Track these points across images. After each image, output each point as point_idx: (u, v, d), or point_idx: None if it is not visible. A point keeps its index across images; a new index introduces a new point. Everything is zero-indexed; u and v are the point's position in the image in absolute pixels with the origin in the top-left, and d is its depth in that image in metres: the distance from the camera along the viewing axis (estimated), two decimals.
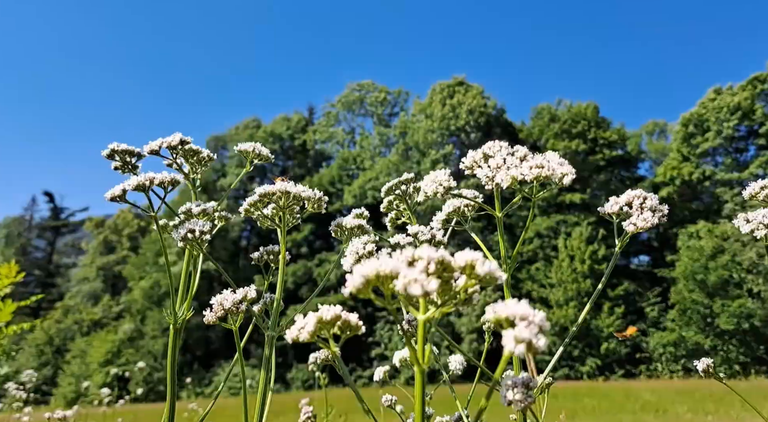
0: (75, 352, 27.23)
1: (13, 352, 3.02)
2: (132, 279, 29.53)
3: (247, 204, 1.01)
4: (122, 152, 1.07)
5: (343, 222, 0.99)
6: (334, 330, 0.57)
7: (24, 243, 36.90)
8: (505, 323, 0.45)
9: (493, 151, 0.78)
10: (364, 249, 0.82)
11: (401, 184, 1.14)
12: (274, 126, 33.01)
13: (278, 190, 0.94)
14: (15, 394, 4.88)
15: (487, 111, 27.50)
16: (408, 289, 0.45)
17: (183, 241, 0.92)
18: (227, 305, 0.76)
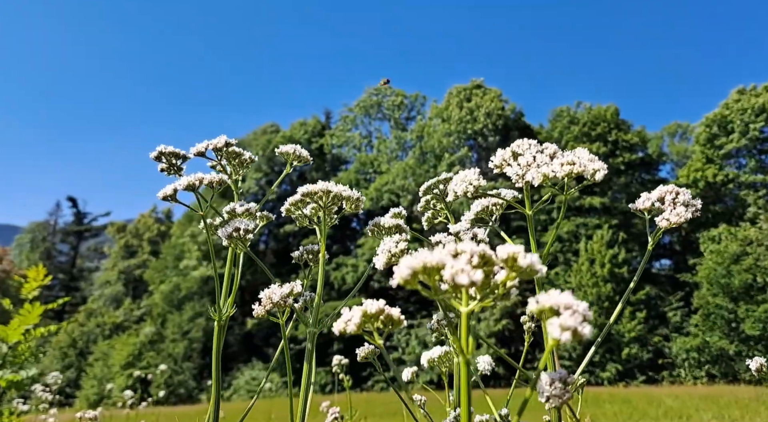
0: (97, 355, 27.69)
1: (40, 354, 3.10)
2: (152, 283, 29.95)
3: (289, 203, 1.04)
4: (169, 154, 1.11)
5: (381, 222, 1.01)
6: (377, 324, 0.58)
7: (48, 248, 37.71)
8: (548, 312, 0.47)
9: (522, 149, 0.80)
10: (396, 247, 0.84)
11: (439, 183, 1.16)
12: (292, 131, 33.27)
13: (320, 189, 0.97)
14: (41, 396, 4.97)
15: (505, 114, 27.37)
16: (455, 279, 0.47)
17: (229, 239, 0.95)
18: (275, 298, 0.78)
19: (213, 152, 1.17)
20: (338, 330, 0.58)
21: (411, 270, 0.48)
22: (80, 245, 39.33)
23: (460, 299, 0.51)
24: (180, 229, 30.81)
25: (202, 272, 27.34)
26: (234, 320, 29.16)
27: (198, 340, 27.05)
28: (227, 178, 1.07)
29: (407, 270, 0.48)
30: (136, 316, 31.39)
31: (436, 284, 0.50)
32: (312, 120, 34.37)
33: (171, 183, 1.00)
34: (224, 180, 1.04)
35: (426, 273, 0.49)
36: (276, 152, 1.28)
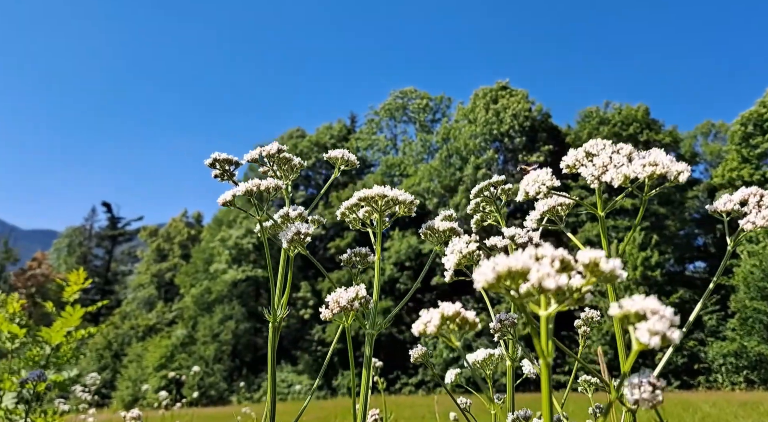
0: (132, 357, 28.35)
1: (81, 355, 3.19)
2: (183, 287, 30.52)
3: (345, 207, 1.06)
4: (222, 161, 1.15)
5: (435, 225, 1.03)
6: (453, 326, 0.60)
7: (85, 252, 38.82)
8: (633, 317, 0.48)
9: (596, 149, 0.81)
10: (466, 248, 0.85)
11: (490, 186, 1.18)
12: (318, 135, 33.57)
13: (376, 193, 0.99)
14: (80, 396, 5.11)
15: (532, 115, 27.11)
16: (543, 283, 0.48)
17: (289, 243, 0.98)
18: (343, 302, 0.81)
19: (266, 159, 1.21)
20: (418, 332, 0.59)
21: (496, 274, 0.49)
22: (114, 249, 40.40)
23: (538, 302, 0.52)
24: (210, 233, 31.35)
25: (232, 275, 27.74)
26: (263, 322, 29.50)
27: (228, 343, 27.44)
28: (282, 183, 1.11)
29: (492, 274, 0.49)
30: (168, 319, 32.03)
31: (517, 288, 0.51)
32: (338, 124, 34.63)
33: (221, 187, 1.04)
34: (279, 185, 1.08)
35: (510, 277, 0.50)
36: (324, 157, 1.31)
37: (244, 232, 28.18)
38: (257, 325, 29.05)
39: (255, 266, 28.26)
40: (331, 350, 1.28)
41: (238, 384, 25.91)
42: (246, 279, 28.16)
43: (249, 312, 28.61)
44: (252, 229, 28.24)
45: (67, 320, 2.87)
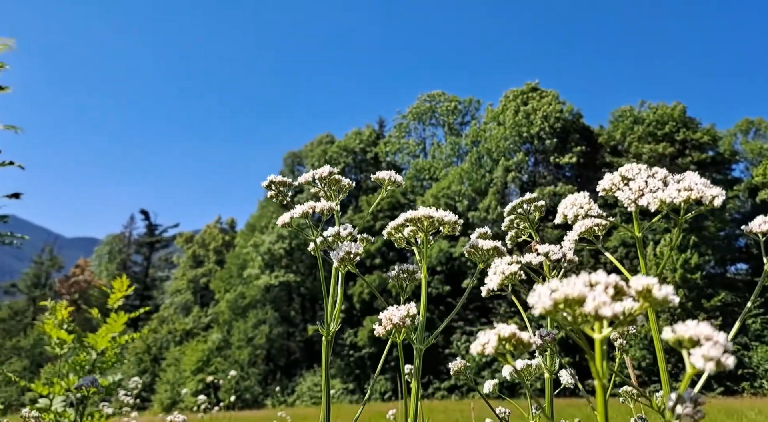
0: (170, 361, 29.05)
1: (125, 360, 3.31)
2: (218, 292, 31.12)
3: (391, 227, 1.12)
4: (278, 183, 1.23)
5: (479, 245, 1.08)
6: (508, 347, 0.64)
7: (124, 259, 40.05)
8: (687, 343, 0.50)
9: (632, 174, 0.85)
10: (509, 269, 0.90)
11: (524, 203, 1.22)
12: (347, 140, 33.81)
13: (422, 215, 1.05)
14: (122, 399, 5.28)
15: (563, 116, 26.72)
16: (599, 311, 0.51)
17: (340, 261, 1.04)
18: (395, 320, 0.87)
19: (318, 180, 1.28)
20: (476, 352, 0.64)
21: (553, 301, 0.52)
22: (152, 255, 41.54)
23: (592, 326, 0.56)
24: (243, 239, 31.90)
25: (265, 280, 28.14)
26: (295, 327, 29.83)
27: (262, 347, 27.84)
28: (335, 205, 1.18)
29: (550, 301, 0.53)
30: (204, 323, 32.71)
31: (574, 314, 0.53)
32: (366, 129, 34.81)
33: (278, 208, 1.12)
34: (333, 208, 1.15)
35: (567, 305, 0.55)
36: (372, 178, 1.37)
37: (275, 238, 28.55)
38: (290, 330, 29.39)
39: (287, 271, 28.60)
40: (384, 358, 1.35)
41: (272, 389, 26.24)
42: (278, 285, 28.53)
43: (282, 317, 28.97)
44: (283, 235, 28.61)
45: (111, 326, 2.95)
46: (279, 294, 29.37)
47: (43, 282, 39.14)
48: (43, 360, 32.20)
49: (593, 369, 0.57)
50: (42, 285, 38.90)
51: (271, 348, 28.31)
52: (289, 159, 36.02)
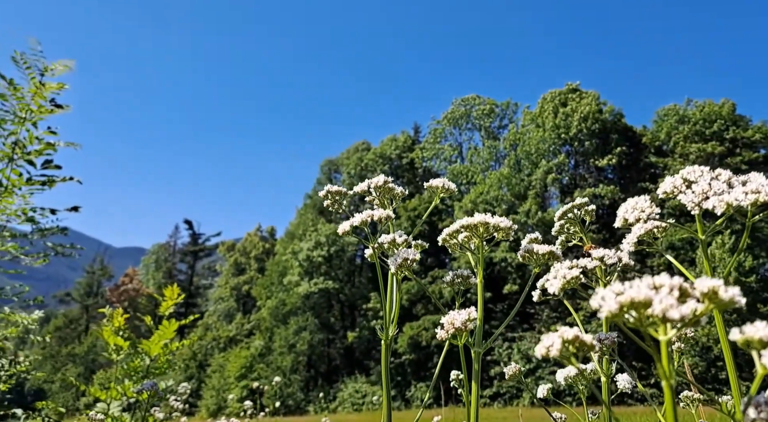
0: (214, 367, 29.73)
1: (177, 366, 3.42)
2: (260, 299, 31.69)
3: (446, 234, 1.14)
4: (334, 193, 1.28)
5: (534, 249, 1.09)
6: (572, 349, 0.66)
7: (170, 268, 41.33)
8: (757, 344, 0.51)
9: (694, 176, 0.84)
10: (570, 274, 0.91)
11: (575, 207, 1.23)
12: (383, 147, 33.99)
13: (478, 221, 1.07)
14: (172, 404, 5.45)
15: (603, 117, 26.13)
16: (667, 314, 0.51)
17: (398, 268, 1.08)
18: (457, 323, 0.89)
19: (372, 190, 1.32)
20: (540, 355, 0.65)
21: (619, 305, 0.53)
22: (196, 264, 42.73)
23: (657, 328, 0.57)
24: (282, 247, 32.42)
25: (305, 288, 28.48)
26: (335, 334, 30.05)
27: (303, 354, 28.15)
28: (392, 213, 1.21)
29: (615, 304, 0.53)
30: (246, 330, 33.34)
31: (640, 317, 0.54)
32: (402, 135, 34.91)
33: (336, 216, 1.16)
34: (390, 216, 1.18)
35: (633, 308, 0.56)
36: (425, 186, 1.40)
37: (313, 245, 28.87)
38: (330, 337, 29.61)
39: (326, 278, 28.87)
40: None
41: (314, 395, 26.48)
42: (318, 292, 28.83)
43: (322, 324, 29.25)
44: (321, 242, 28.89)
45: (163, 333, 3.06)
46: (319, 301, 29.67)
47: (94, 291, 40.88)
48: (95, 367, 33.51)
49: (660, 371, 0.58)
50: (94, 294, 40.63)
51: (312, 355, 28.59)
52: (326, 166, 36.47)
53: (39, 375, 3.34)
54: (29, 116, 2.54)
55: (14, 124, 2.53)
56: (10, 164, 2.60)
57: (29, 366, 2.83)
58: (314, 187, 36.48)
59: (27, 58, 2.47)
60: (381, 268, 1.20)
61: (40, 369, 26.56)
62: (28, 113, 2.53)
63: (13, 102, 2.50)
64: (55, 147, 2.71)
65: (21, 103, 2.49)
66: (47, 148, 2.67)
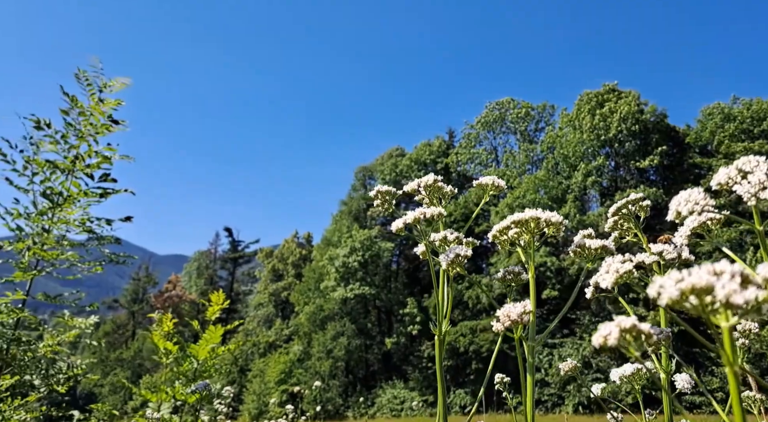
0: (255, 372, 30.23)
1: (222, 369, 3.51)
2: (298, 305, 32.09)
3: (496, 230, 1.17)
4: (384, 193, 1.32)
5: (586, 244, 1.11)
6: (629, 338, 0.67)
7: (211, 274, 42.37)
8: None
9: (750, 166, 0.85)
10: (623, 267, 0.93)
11: (629, 203, 1.23)
12: (417, 153, 33.98)
13: (529, 216, 1.09)
14: (216, 408, 5.58)
15: (644, 117, 25.44)
16: (730, 299, 0.51)
17: (449, 264, 1.11)
18: (513, 316, 0.91)
19: (422, 188, 1.35)
20: (598, 345, 0.66)
21: (680, 291, 0.53)
22: (236, 270, 43.67)
23: (718, 314, 0.57)
24: (319, 253, 32.76)
25: (341, 293, 28.68)
26: (373, 339, 30.11)
27: (341, 359, 28.32)
28: (443, 211, 1.25)
29: (677, 291, 0.53)
30: (285, 336, 33.80)
31: (703, 303, 0.53)
32: (436, 140, 34.83)
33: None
34: (442, 213, 1.22)
35: (694, 294, 0.57)
36: (475, 184, 1.42)
37: (348, 251, 29.06)
38: (367, 342, 29.68)
39: (362, 284, 29.00)
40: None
41: (353, 400, 26.57)
42: (354, 298, 28.98)
43: (359, 329, 29.36)
44: (356, 248, 29.05)
45: (210, 337, 3.15)
46: (355, 306, 29.81)
47: (140, 297, 42.32)
48: (142, 371, 34.61)
49: (724, 358, 0.57)
50: (140, 300, 42.05)
51: (350, 360, 28.72)
52: (360, 173, 36.71)
53: (93, 377, 3.47)
54: (89, 131, 2.68)
55: (77, 139, 2.68)
56: (70, 176, 2.72)
57: (84, 370, 2.95)
58: (349, 193, 36.75)
59: (88, 75, 2.60)
60: (433, 266, 1.23)
61: (91, 373, 27.54)
62: (88, 128, 2.67)
63: (75, 117, 2.65)
64: (111, 160, 2.84)
65: (84, 118, 2.62)
66: (104, 161, 2.79)
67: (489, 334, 24.64)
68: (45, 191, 2.65)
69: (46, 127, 2.58)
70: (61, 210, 2.70)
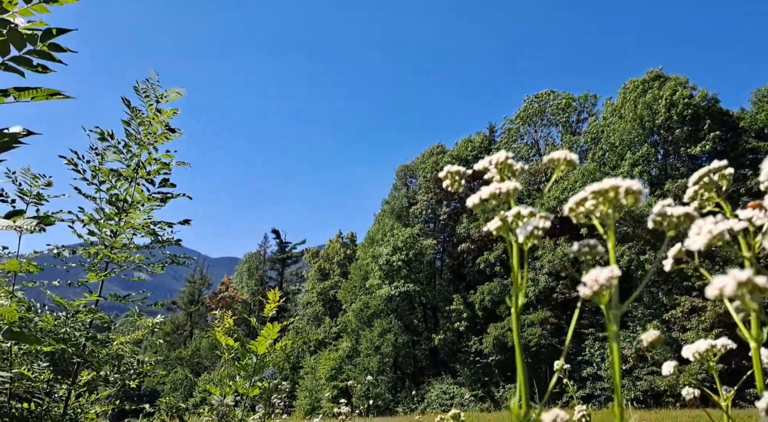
0: (306, 369, 30.95)
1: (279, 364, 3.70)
2: (345, 302, 32.60)
3: (573, 202, 1.21)
4: (453, 173, 1.45)
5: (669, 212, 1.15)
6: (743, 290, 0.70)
7: (261, 275, 43.58)
8: None
9: None
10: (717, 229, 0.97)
11: (711, 172, 1.27)
12: (458, 149, 33.81)
13: (610, 185, 1.12)
14: (274, 402, 5.85)
15: (694, 102, 24.47)
16: None
17: (527, 237, 1.18)
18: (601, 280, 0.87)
19: (492, 166, 1.45)
20: (713, 295, 0.69)
21: None
22: (284, 271, 44.72)
23: None
24: (363, 251, 33.14)
25: (386, 291, 28.94)
26: (419, 335, 30.24)
27: (389, 355, 28.60)
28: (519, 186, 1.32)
29: None
30: (334, 333, 34.41)
31: None
32: (477, 136, 34.54)
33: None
34: (517, 187, 1.28)
35: None
36: (545, 160, 1.50)
37: (392, 249, 29.27)
38: (414, 339, 29.84)
39: (407, 281, 29.16)
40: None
41: (402, 396, 26.79)
42: (399, 295, 29.19)
43: (405, 326, 29.56)
44: (399, 246, 29.19)
45: (268, 333, 3.32)
46: (401, 304, 30.02)
47: (196, 298, 44.01)
48: (200, 369, 36.02)
49: None
50: (196, 302, 43.73)
51: (398, 357, 28.97)
52: (401, 172, 36.86)
53: (161, 372, 3.68)
54: (149, 140, 2.92)
55: (138, 148, 2.91)
56: (133, 183, 2.95)
57: (151, 366, 3.15)
58: (391, 192, 36.95)
59: (146, 87, 2.84)
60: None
61: (153, 373, 28.86)
62: (147, 137, 2.90)
63: (135, 127, 2.88)
64: (169, 167, 3.07)
65: (144, 128, 2.85)
66: (163, 167, 3.02)
67: (537, 329, 24.32)
68: (111, 198, 2.87)
69: (109, 137, 2.75)
70: (126, 215, 2.93)
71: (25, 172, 2.68)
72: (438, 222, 33.80)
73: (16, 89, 1.16)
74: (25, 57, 1.15)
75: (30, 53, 1.15)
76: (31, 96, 1.22)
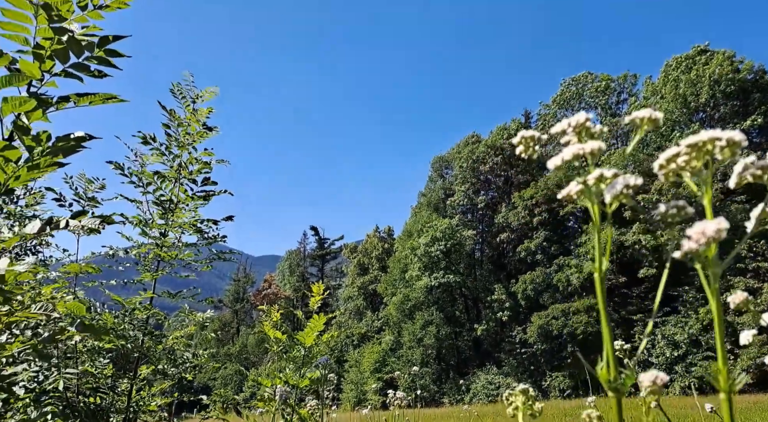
0: (351, 362, 31.36)
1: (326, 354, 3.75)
2: (385, 295, 32.78)
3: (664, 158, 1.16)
4: (528, 138, 1.44)
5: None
6: None
7: (302, 272, 44.36)
8: None
9: None
10: None
11: None
12: (493, 138, 33.37)
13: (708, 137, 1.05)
14: (324, 395, 5.97)
15: (740, 76, 23.36)
16: None
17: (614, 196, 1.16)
18: (709, 233, 0.79)
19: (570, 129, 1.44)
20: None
21: None
22: (324, 266, 45.36)
23: None
24: (401, 244, 33.21)
25: (425, 282, 28.91)
26: (462, 326, 30.13)
27: (432, 347, 28.63)
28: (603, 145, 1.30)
29: None
30: (376, 327, 34.70)
31: None
32: (513, 123, 34.00)
33: None
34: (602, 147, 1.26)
35: None
36: (626, 120, 1.48)
37: (430, 240, 29.18)
38: (457, 330, 29.76)
39: (446, 272, 29.06)
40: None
41: (447, 387, 26.78)
42: (439, 286, 29.12)
43: (447, 318, 29.50)
44: (437, 237, 29.04)
45: (314, 325, 3.40)
46: (441, 295, 29.96)
47: (241, 296, 45.23)
48: (248, 365, 37.01)
49: None
50: (241, 299, 44.94)
51: (441, 348, 28.96)
52: (437, 163, 36.67)
53: (215, 365, 3.85)
54: (187, 140, 3.01)
55: (178, 149, 3.01)
56: (177, 183, 3.05)
57: (207, 359, 3.24)
58: (427, 184, 36.82)
59: (182, 89, 2.92)
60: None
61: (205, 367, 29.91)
62: (186, 138, 2.99)
63: (175, 129, 2.97)
64: (210, 165, 3.16)
65: (182, 129, 2.94)
66: (204, 166, 3.11)
67: (583, 316, 23.84)
68: (157, 199, 2.98)
69: (151, 141, 2.85)
70: (173, 214, 3.03)
71: (80, 177, 2.81)
72: (476, 212, 33.51)
73: (76, 95, 1.22)
74: (84, 63, 1.21)
75: (88, 59, 1.22)
76: (89, 101, 1.29)
